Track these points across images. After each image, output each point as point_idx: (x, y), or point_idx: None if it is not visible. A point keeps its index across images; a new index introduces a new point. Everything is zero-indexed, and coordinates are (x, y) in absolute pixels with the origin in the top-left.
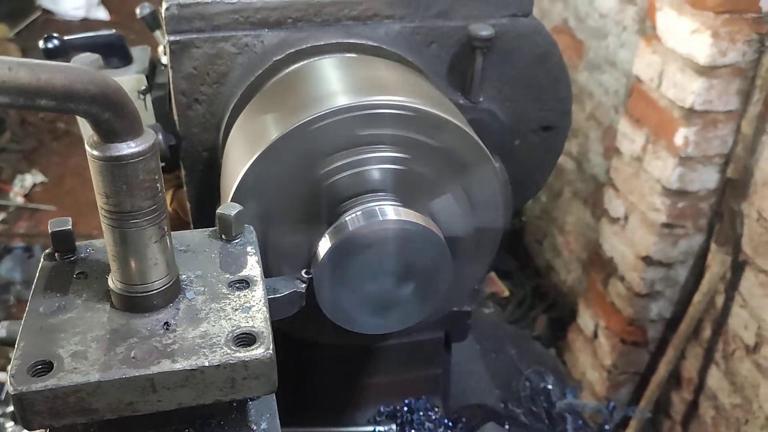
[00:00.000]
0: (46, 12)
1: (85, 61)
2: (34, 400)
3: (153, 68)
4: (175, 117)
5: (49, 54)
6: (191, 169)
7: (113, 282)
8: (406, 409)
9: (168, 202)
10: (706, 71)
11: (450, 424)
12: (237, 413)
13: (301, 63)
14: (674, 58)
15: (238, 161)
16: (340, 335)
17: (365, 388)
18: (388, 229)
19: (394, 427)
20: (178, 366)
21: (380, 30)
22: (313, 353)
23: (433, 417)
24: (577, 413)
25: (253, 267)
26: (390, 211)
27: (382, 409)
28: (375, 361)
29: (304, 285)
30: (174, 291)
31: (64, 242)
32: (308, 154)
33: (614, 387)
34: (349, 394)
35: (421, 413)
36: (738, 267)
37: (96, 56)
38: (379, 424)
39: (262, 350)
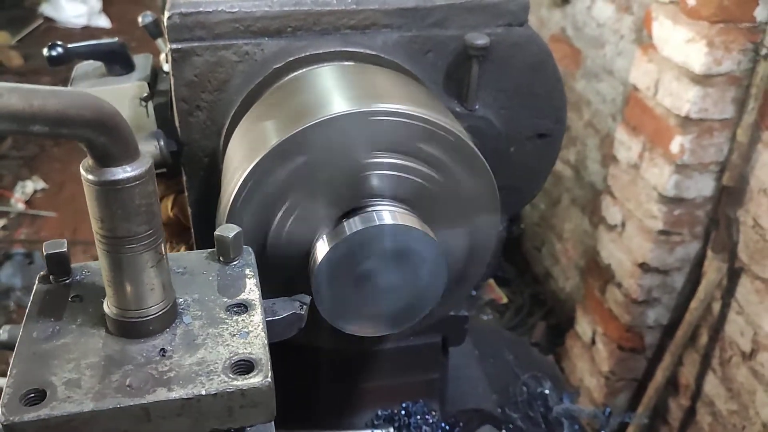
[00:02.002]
0: (48, 20)
1: (87, 69)
2: (25, 431)
3: (155, 75)
4: (177, 123)
5: (52, 61)
6: (192, 175)
7: (108, 307)
8: (403, 412)
9: (168, 207)
10: (702, 80)
11: (447, 427)
12: None
13: (301, 71)
14: (670, 66)
15: (238, 167)
16: (338, 338)
17: (363, 392)
18: (385, 233)
19: (391, 430)
20: (174, 395)
21: (378, 39)
22: (311, 357)
23: (431, 421)
24: (574, 418)
25: (251, 290)
26: (387, 215)
27: (379, 412)
28: (372, 365)
29: (304, 307)
30: (171, 316)
31: (59, 265)
32: (307, 160)
33: (612, 393)
34: (346, 398)
35: (419, 417)
36: (734, 274)
37: (99, 64)
38: (376, 427)
39: (260, 378)
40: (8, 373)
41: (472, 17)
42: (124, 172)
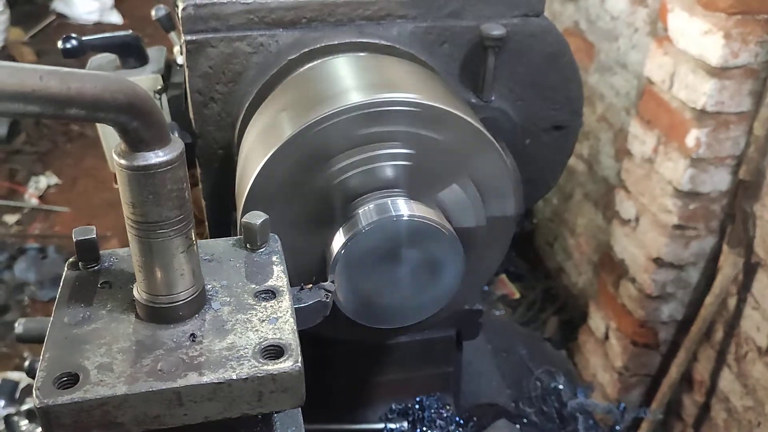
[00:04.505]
0: (60, 16)
1: (102, 62)
2: (59, 413)
3: (168, 68)
4: (191, 115)
5: (67, 54)
6: (206, 167)
7: (138, 292)
8: (417, 406)
9: None
10: (718, 72)
11: (461, 422)
12: (262, 426)
13: (315, 62)
14: (686, 59)
15: (252, 159)
16: (354, 330)
17: (377, 386)
18: (401, 224)
19: (405, 424)
20: (205, 379)
21: (393, 30)
22: (326, 350)
23: (445, 415)
24: (588, 413)
25: (279, 277)
26: (402, 206)
27: (393, 406)
28: (387, 359)
29: (329, 295)
30: (200, 302)
31: (88, 251)
32: (322, 151)
33: (625, 389)
34: (360, 392)
35: (433, 411)
36: (750, 269)
37: (113, 56)
38: (390, 421)
39: (290, 363)
40: (41, 358)
41: (488, 8)
42: (156, 157)
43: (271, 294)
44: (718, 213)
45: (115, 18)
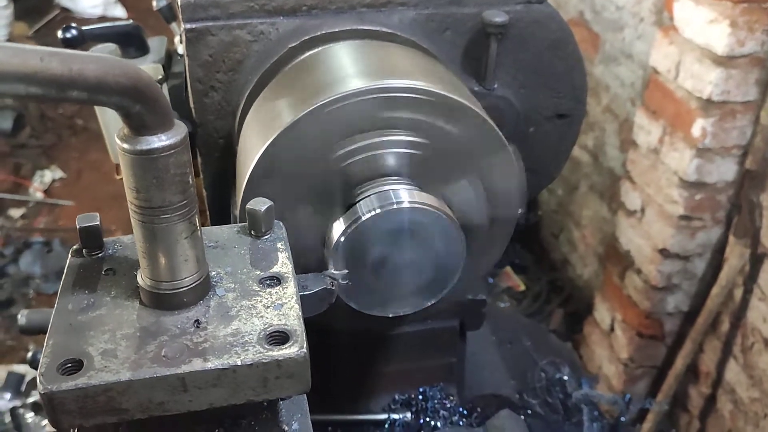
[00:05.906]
0: (64, 10)
1: (103, 52)
2: (64, 400)
3: (169, 58)
4: (191, 105)
5: (67, 44)
6: (207, 157)
7: (142, 279)
8: (421, 397)
9: None
10: (724, 61)
11: (465, 412)
12: (268, 413)
13: (316, 49)
14: (692, 48)
15: (253, 146)
16: (354, 320)
17: (380, 376)
18: (402, 212)
19: (408, 415)
20: (209, 365)
21: (394, 17)
22: (328, 340)
23: (448, 405)
24: (593, 404)
25: (284, 263)
26: (404, 194)
27: (397, 397)
28: (390, 349)
29: (335, 282)
30: (204, 288)
31: (92, 238)
32: (323, 137)
33: (631, 381)
34: (363, 382)
35: (436, 401)
36: (757, 259)
37: (114, 46)
38: (394, 411)
39: (295, 349)
40: (45, 344)
41: None
42: (159, 141)
43: (276, 280)
44: (724, 203)
45: (119, 12)
